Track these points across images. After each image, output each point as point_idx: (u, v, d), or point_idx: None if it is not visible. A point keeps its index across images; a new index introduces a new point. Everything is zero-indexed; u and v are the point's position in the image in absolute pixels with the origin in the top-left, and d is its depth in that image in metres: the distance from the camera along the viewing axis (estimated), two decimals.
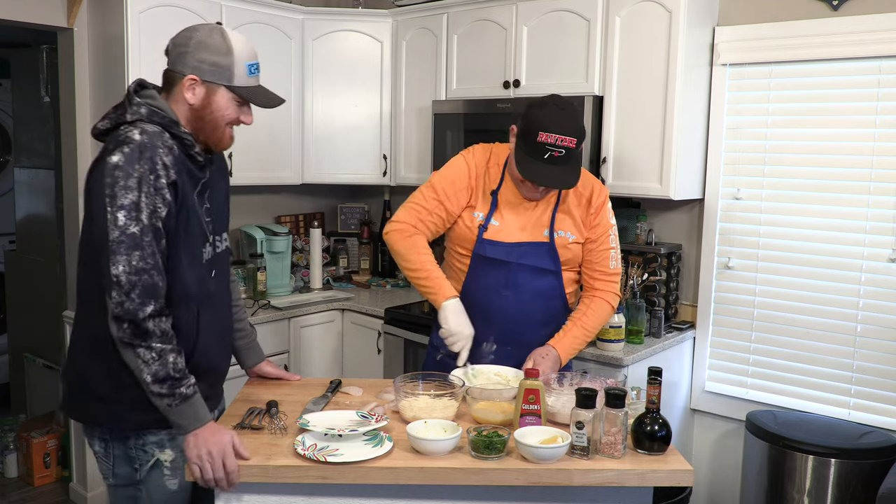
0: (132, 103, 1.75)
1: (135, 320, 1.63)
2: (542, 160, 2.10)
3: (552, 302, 2.34)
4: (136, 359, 1.65)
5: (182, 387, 1.67)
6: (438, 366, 2.30)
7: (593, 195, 2.32)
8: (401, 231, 2.29)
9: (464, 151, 2.36)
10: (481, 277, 2.23)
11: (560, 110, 2.12)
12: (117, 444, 1.80)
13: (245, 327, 2.16)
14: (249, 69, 1.81)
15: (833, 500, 2.62)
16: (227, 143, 1.87)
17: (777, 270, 3.02)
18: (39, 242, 4.38)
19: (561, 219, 2.29)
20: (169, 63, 1.80)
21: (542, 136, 2.07)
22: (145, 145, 1.67)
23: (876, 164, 2.78)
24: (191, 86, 1.77)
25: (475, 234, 2.28)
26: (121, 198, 1.63)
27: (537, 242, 2.28)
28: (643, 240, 3.20)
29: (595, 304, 2.34)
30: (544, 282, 2.31)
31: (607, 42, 3.03)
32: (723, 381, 3.19)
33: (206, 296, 1.84)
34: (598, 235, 2.33)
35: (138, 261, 1.63)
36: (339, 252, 4.22)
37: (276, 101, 1.87)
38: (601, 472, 1.67)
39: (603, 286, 2.35)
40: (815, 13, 2.85)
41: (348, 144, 3.83)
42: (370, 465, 1.65)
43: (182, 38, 1.79)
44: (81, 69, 3.35)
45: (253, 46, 1.85)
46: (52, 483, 3.82)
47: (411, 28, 3.70)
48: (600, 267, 2.34)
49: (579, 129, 2.12)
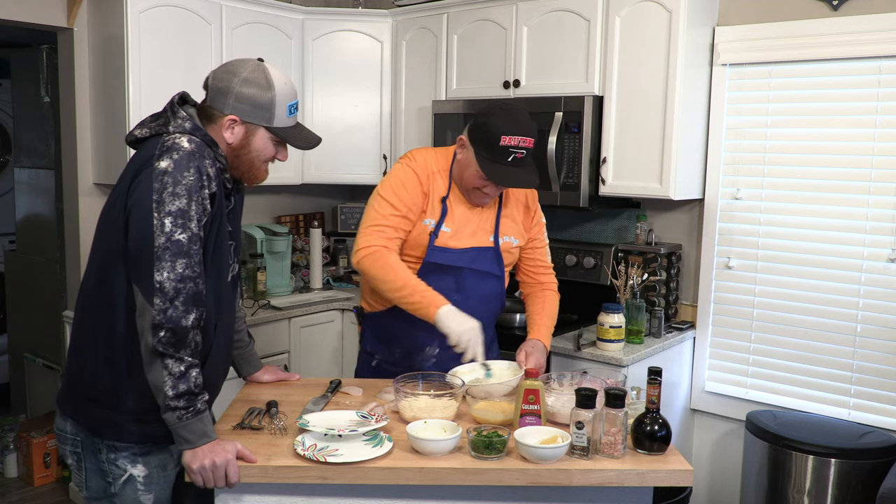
0: (177, 116, 1.74)
1: (176, 328, 1.61)
2: (506, 163, 2.13)
3: (496, 305, 2.40)
4: (163, 370, 1.63)
5: (198, 401, 1.67)
6: (375, 372, 2.36)
7: (528, 198, 2.41)
8: (373, 254, 2.17)
9: (404, 159, 2.31)
10: (431, 283, 2.18)
11: (516, 113, 2.16)
12: (89, 458, 1.79)
13: (243, 338, 2.16)
14: (290, 110, 1.81)
15: (833, 500, 2.62)
16: (262, 179, 1.88)
17: (777, 270, 3.02)
18: (39, 242, 4.38)
19: (505, 224, 2.35)
20: (208, 98, 1.79)
21: (505, 140, 2.10)
22: (194, 154, 1.67)
23: (876, 164, 2.78)
24: (230, 126, 1.77)
25: (426, 242, 2.26)
26: (168, 204, 1.62)
27: (484, 247, 2.31)
28: (643, 240, 3.21)
29: (549, 296, 2.43)
30: (490, 285, 2.34)
31: (607, 42, 3.03)
32: (723, 381, 3.19)
33: (225, 313, 1.85)
34: (537, 234, 2.44)
35: (184, 268, 1.63)
36: (339, 252, 4.22)
37: (314, 143, 1.88)
38: (601, 472, 1.67)
39: (547, 278, 2.46)
40: (815, 13, 2.85)
41: (348, 144, 3.83)
42: (370, 465, 1.65)
43: (224, 74, 1.77)
44: (81, 69, 3.35)
45: (293, 84, 1.85)
46: (52, 483, 3.82)
47: (411, 28, 3.70)
48: (542, 262, 2.45)
49: (533, 129, 2.17)
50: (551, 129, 3.05)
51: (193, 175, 1.65)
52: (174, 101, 1.77)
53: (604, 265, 3.27)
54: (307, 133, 1.88)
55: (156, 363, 1.63)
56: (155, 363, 1.63)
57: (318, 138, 1.90)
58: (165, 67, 3.15)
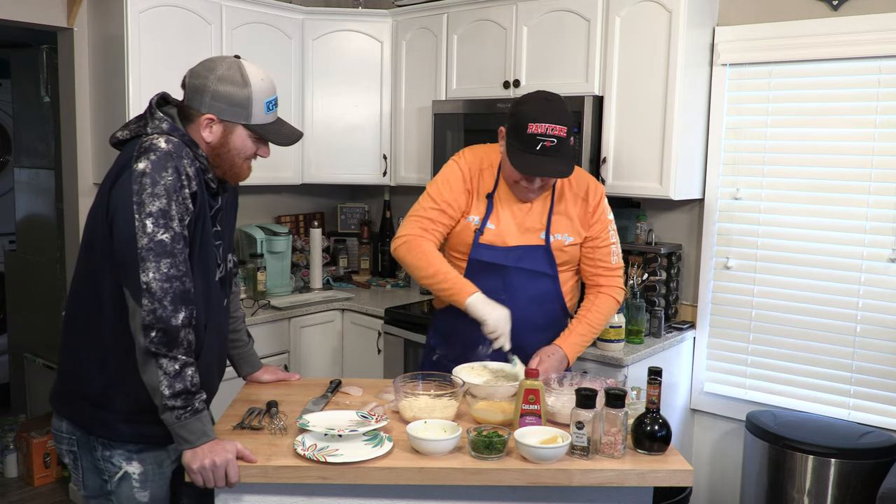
0: (154, 117, 1.74)
1: (167, 327, 1.61)
2: (534, 152, 2.09)
3: (550, 306, 2.33)
4: (158, 370, 1.63)
5: (196, 401, 1.67)
6: (435, 366, 2.30)
7: (589, 193, 2.32)
8: (408, 242, 2.24)
9: (454, 156, 2.34)
10: (478, 283, 2.20)
11: (546, 101, 2.13)
12: (85, 455, 1.80)
13: (241, 337, 2.16)
14: (267, 106, 1.80)
15: (833, 500, 2.62)
16: (245, 177, 1.87)
17: (776, 270, 3.02)
18: (39, 242, 4.38)
19: (557, 220, 2.28)
20: (185, 98, 1.79)
21: (532, 128, 2.07)
22: (171, 154, 1.67)
23: (876, 164, 2.78)
24: (208, 125, 1.76)
25: (471, 239, 2.26)
26: (149, 205, 1.62)
27: (533, 246, 2.27)
28: (643, 240, 3.21)
29: (600, 300, 2.32)
30: (541, 286, 2.30)
31: (607, 42, 3.03)
32: (722, 381, 3.19)
33: (216, 313, 1.85)
34: (598, 232, 2.32)
35: (169, 268, 1.63)
36: (339, 252, 4.22)
37: (295, 138, 1.86)
38: (601, 472, 1.67)
39: (607, 281, 2.34)
40: (815, 13, 2.85)
41: (348, 144, 3.83)
42: (370, 465, 1.65)
43: (199, 74, 1.76)
44: (81, 69, 3.35)
45: (272, 79, 1.83)
46: (52, 483, 3.82)
47: (411, 28, 3.70)
48: (603, 263, 2.33)
49: (567, 117, 2.12)
50: None
51: (172, 175, 1.65)
52: (152, 103, 1.77)
53: None
54: (287, 129, 1.86)
55: (150, 364, 1.63)
56: (149, 364, 1.63)
57: (298, 133, 1.87)
58: (165, 67, 3.14)
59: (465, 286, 2.17)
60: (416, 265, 2.22)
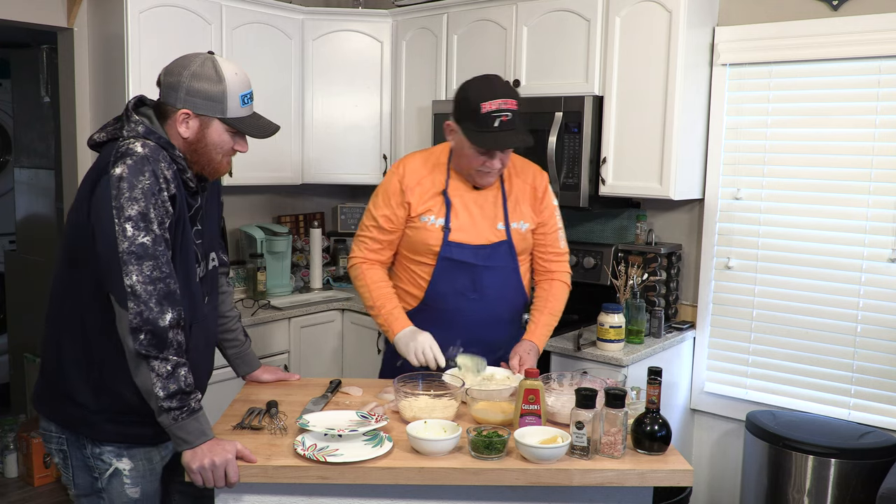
0: (130, 120, 1.74)
1: (155, 329, 1.61)
2: (493, 129, 2.11)
3: (514, 300, 2.38)
4: (150, 373, 1.62)
5: (191, 400, 1.67)
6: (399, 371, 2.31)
7: (535, 179, 2.37)
8: (354, 268, 2.35)
9: (394, 166, 2.35)
10: (448, 283, 2.23)
11: (488, 79, 2.16)
12: (75, 454, 1.80)
13: (238, 337, 2.15)
14: (242, 100, 1.80)
15: (833, 500, 2.62)
16: (224, 172, 1.87)
17: (777, 270, 3.02)
18: (39, 242, 4.38)
19: (513, 208, 2.31)
20: (161, 95, 1.79)
21: (486, 106, 2.09)
22: (147, 158, 1.67)
23: (876, 164, 2.78)
24: (184, 120, 1.76)
25: (440, 240, 2.26)
26: (128, 209, 1.62)
27: (498, 243, 2.29)
28: (643, 240, 3.21)
29: (555, 288, 2.39)
30: (507, 281, 2.33)
31: (607, 42, 3.03)
32: (722, 381, 3.19)
33: (199, 313, 1.84)
34: (547, 218, 2.38)
35: (152, 270, 1.63)
36: (339, 252, 4.22)
37: (271, 131, 1.86)
38: (601, 472, 1.67)
39: (557, 267, 2.41)
40: (815, 13, 2.85)
41: (348, 144, 3.83)
42: (370, 465, 1.65)
43: (173, 70, 1.77)
44: (81, 69, 3.35)
45: (246, 74, 1.84)
46: (52, 483, 3.82)
47: (411, 28, 3.70)
48: (552, 249, 2.39)
49: (513, 91, 2.15)
50: (551, 129, 3.05)
51: (149, 178, 1.65)
52: (129, 106, 1.77)
53: (604, 265, 3.27)
54: (263, 122, 1.86)
55: (142, 367, 1.63)
56: (141, 367, 1.63)
57: (275, 126, 1.87)
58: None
59: (394, 322, 2.26)
60: (360, 294, 2.35)
